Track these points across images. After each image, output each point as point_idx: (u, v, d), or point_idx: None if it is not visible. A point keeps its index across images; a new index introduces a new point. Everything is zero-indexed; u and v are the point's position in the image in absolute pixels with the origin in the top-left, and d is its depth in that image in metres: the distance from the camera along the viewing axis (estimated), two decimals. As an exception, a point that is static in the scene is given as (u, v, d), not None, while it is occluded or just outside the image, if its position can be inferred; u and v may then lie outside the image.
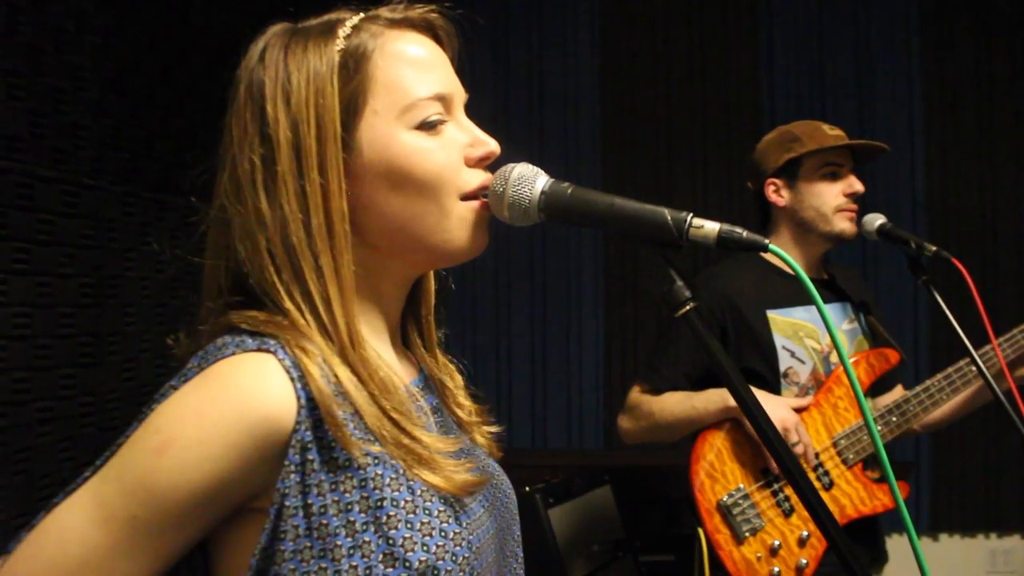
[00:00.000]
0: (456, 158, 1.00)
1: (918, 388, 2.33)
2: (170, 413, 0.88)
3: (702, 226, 0.92)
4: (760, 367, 2.29)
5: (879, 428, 2.30)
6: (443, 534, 0.90)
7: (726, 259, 2.48)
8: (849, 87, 4.06)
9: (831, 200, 2.33)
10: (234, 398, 0.87)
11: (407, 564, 0.87)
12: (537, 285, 4.10)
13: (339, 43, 0.98)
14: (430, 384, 1.11)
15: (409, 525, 0.88)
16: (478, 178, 1.01)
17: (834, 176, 2.35)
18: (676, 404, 2.27)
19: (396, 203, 0.98)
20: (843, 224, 2.33)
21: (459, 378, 1.17)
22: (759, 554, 2.18)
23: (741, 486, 2.22)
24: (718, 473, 2.22)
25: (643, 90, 4.14)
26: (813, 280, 2.36)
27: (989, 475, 3.92)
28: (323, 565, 0.86)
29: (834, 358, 2.34)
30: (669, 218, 0.92)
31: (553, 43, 4.16)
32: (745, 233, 0.92)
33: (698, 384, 2.28)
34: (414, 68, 0.99)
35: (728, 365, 0.92)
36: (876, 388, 2.43)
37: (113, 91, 2.54)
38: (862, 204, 2.38)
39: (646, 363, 2.44)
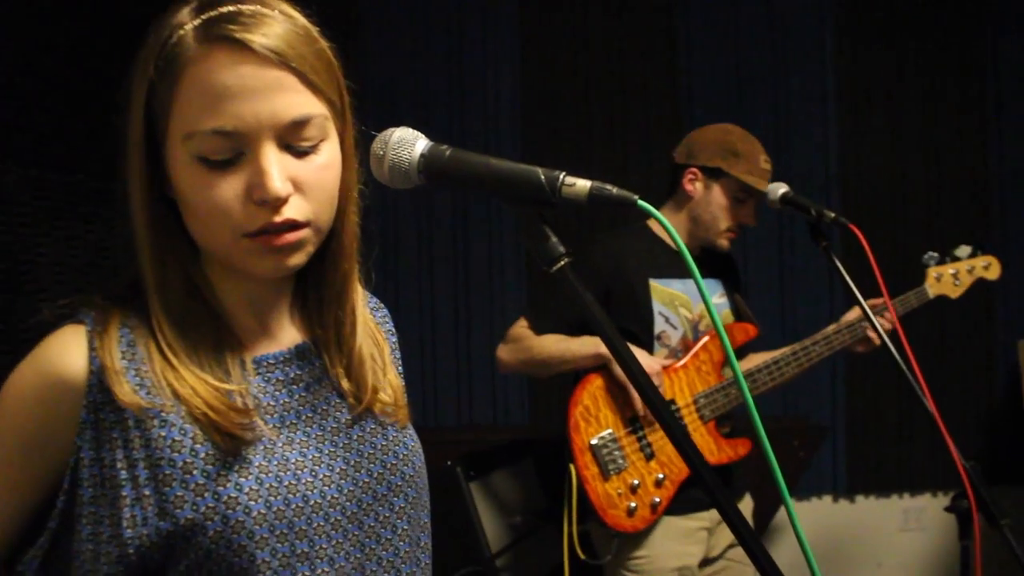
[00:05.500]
0: (232, 196, 0.98)
1: (768, 360, 2.62)
2: (9, 377, 1.05)
3: (574, 184, 0.95)
4: (636, 329, 2.55)
5: (732, 391, 2.58)
6: (216, 496, 0.99)
7: (619, 228, 2.74)
8: (765, 75, 4.13)
9: (726, 221, 2.63)
10: (38, 363, 1.03)
11: (174, 520, 0.98)
12: (460, 265, 4.11)
13: (164, 51, 0.97)
14: (309, 356, 1.13)
15: (184, 484, 0.98)
16: (261, 219, 0.98)
17: (740, 202, 2.62)
18: (553, 344, 2.52)
19: (194, 224, 1.03)
20: (722, 241, 2.66)
21: (368, 348, 1.17)
22: (620, 491, 2.44)
23: (611, 430, 2.48)
24: (592, 417, 2.47)
25: (562, 84, 4.13)
26: (692, 256, 2.51)
27: (902, 438, 4.07)
28: (112, 511, 0.98)
29: (703, 326, 2.63)
30: (542, 177, 0.96)
31: (473, 33, 4.15)
32: (615, 190, 0.96)
33: (577, 333, 2.50)
34: (207, 97, 0.96)
35: (601, 315, 0.96)
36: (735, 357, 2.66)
37: (19, 72, 2.50)
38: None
39: (534, 307, 2.66)
